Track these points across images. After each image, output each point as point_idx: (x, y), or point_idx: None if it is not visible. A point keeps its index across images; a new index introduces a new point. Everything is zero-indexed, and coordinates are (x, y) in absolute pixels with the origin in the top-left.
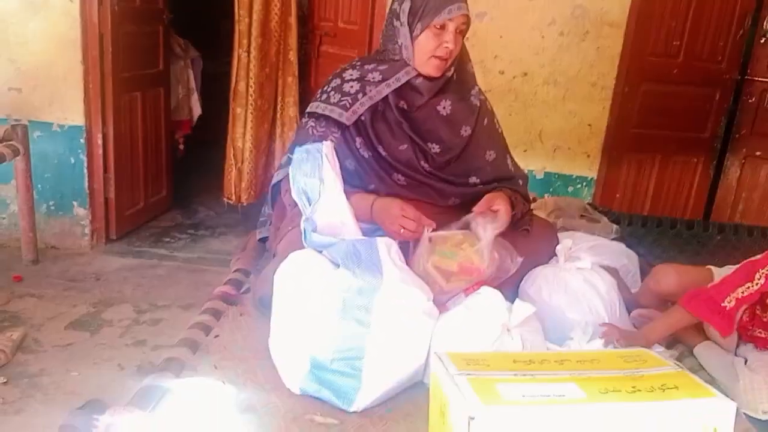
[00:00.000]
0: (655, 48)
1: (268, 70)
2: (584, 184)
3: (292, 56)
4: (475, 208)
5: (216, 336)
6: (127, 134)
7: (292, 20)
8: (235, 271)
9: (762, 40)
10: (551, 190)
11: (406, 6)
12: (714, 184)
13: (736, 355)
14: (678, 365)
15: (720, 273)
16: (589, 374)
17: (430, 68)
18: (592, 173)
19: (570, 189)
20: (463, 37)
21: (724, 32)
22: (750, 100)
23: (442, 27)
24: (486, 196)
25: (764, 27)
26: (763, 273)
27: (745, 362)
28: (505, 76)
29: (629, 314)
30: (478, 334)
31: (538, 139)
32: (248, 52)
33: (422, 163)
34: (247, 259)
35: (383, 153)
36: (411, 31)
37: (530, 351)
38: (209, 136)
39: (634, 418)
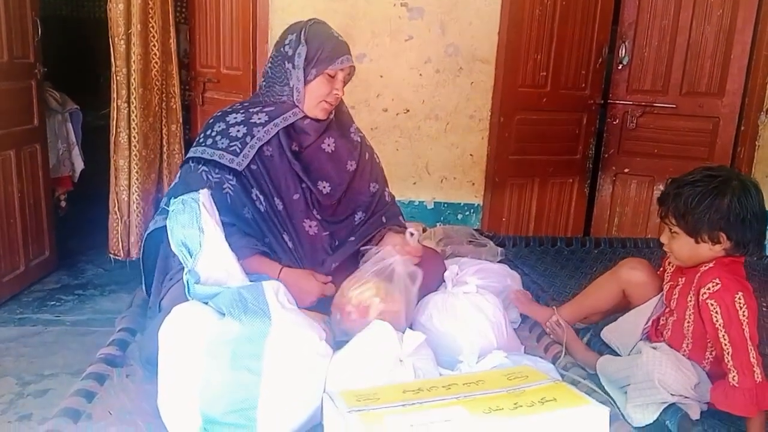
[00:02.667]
0: (524, 80)
1: (151, 120)
2: (472, 211)
3: (174, 104)
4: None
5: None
6: (0, 196)
7: (173, 68)
8: (119, 330)
9: (619, 67)
10: (442, 218)
11: (302, 51)
12: (590, 201)
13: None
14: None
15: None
16: (474, 396)
17: (319, 112)
18: (478, 200)
19: (459, 216)
20: (345, 85)
21: (585, 61)
22: (614, 122)
23: (334, 75)
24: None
25: (620, 55)
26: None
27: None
28: (388, 113)
29: None
30: (371, 368)
31: (425, 171)
32: (128, 103)
33: (314, 212)
34: (132, 317)
35: (279, 207)
36: (305, 76)
37: (422, 379)
38: (95, 190)
39: (514, 429)
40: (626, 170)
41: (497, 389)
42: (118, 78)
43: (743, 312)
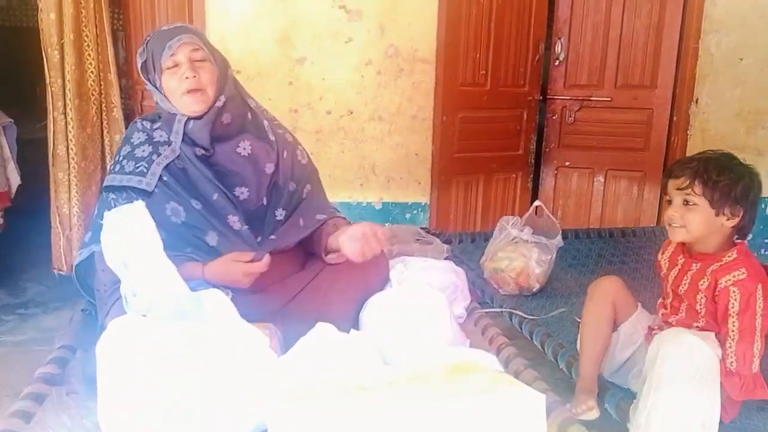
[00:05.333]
0: (465, 79)
1: (89, 131)
2: (419, 209)
3: (117, 113)
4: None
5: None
6: None
7: (112, 77)
8: (58, 348)
9: (556, 63)
10: (390, 218)
11: (139, 65)
12: (534, 195)
13: None
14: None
15: (644, 313)
16: (415, 390)
17: (189, 105)
18: (425, 199)
19: (407, 215)
20: (222, 68)
21: (523, 59)
22: (554, 117)
23: (175, 65)
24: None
25: (556, 51)
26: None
27: None
28: (332, 115)
29: None
30: (316, 370)
31: (372, 172)
32: (65, 114)
33: (237, 209)
34: (72, 333)
35: (198, 207)
36: (154, 84)
37: (367, 378)
38: (34, 205)
39: (455, 420)
40: (567, 163)
41: (439, 382)
42: (53, 89)
43: (760, 303)
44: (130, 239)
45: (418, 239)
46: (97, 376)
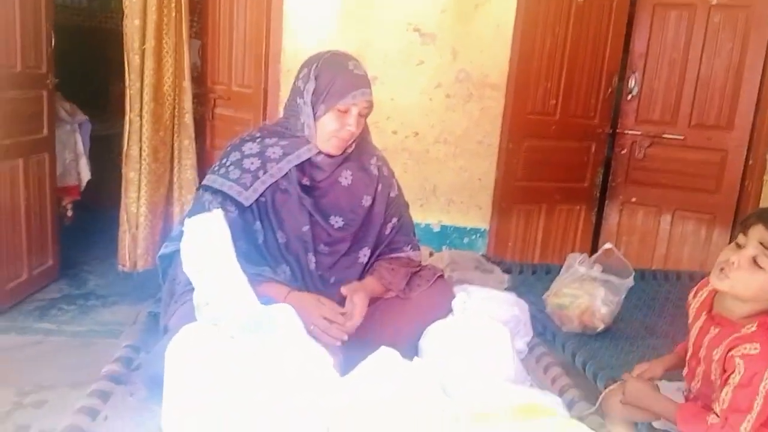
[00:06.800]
0: (534, 107)
1: (162, 134)
2: (478, 235)
3: (188, 119)
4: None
5: (105, 418)
6: (7, 204)
7: (186, 84)
8: (124, 347)
9: (629, 97)
10: (448, 242)
11: (311, 86)
12: (597, 229)
13: None
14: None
15: (665, 387)
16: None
17: (331, 147)
18: (485, 225)
19: (465, 240)
20: (365, 119)
21: (595, 91)
22: (622, 152)
23: (346, 111)
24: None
25: (629, 85)
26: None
27: None
28: (398, 135)
29: None
30: (376, 397)
31: (432, 194)
32: (140, 116)
33: (320, 246)
34: (137, 333)
35: (281, 240)
36: (314, 111)
37: (429, 409)
38: (101, 200)
39: None
40: (633, 200)
41: (507, 424)
42: (131, 92)
43: (765, 384)
44: (206, 248)
45: (477, 267)
46: (164, 380)
